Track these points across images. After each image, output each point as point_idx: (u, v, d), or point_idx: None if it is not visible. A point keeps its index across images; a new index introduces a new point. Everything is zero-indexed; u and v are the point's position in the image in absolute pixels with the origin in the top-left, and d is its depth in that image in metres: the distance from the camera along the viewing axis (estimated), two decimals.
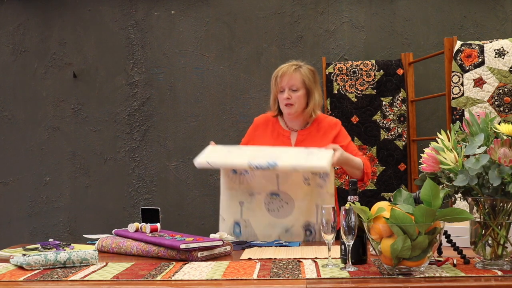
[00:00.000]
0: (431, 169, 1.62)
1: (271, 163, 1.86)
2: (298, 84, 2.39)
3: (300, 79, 2.40)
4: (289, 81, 2.39)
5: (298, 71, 2.41)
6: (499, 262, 1.57)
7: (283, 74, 2.40)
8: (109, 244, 2.04)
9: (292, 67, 2.42)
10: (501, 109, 2.95)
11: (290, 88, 2.39)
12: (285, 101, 2.39)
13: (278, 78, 2.41)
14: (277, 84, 2.41)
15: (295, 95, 2.39)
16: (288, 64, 2.44)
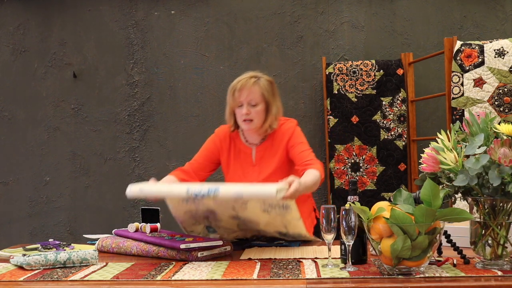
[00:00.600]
0: (431, 169, 1.62)
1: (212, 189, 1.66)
2: (257, 98, 2.23)
3: (259, 93, 2.24)
4: (248, 95, 2.22)
5: (257, 84, 2.24)
6: (499, 262, 1.57)
7: (241, 88, 2.23)
8: (109, 244, 2.04)
9: (251, 80, 2.25)
10: (501, 109, 2.95)
11: (249, 103, 2.22)
12: (243, 117, 2.23)
13: (236, 92, 2.23)
14: (235, 98, 2.24)
15: (254, 110, 2.22)
16: (246, 77, 2.27)
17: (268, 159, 2.27)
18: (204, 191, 1.64)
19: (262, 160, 2.28)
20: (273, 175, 2.24)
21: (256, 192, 1.64)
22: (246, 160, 2.30)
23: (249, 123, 2.24)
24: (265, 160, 2.28)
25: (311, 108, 3.57)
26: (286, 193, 1.80)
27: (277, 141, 2.29)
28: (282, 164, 2.27)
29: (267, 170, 2.27)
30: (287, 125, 2.32)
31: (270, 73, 3.57)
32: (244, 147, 2.32)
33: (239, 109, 2.24)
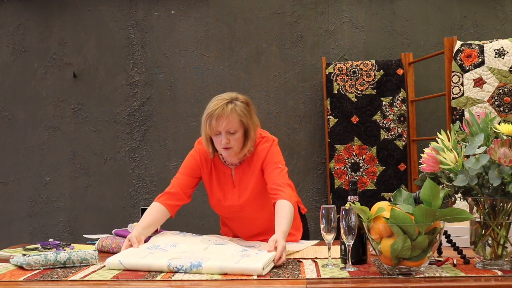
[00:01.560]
0: (431, 169, 1.62)
1: (195, 263, 1.59)
2: (235, 126, 2.08)
3: (237, 120, 2.08)
4: (226, 124, 2.06)
5: (234, 111, 2.08)
6: (499, 262, 1.57)
7: (219, 116, 2.06)
8: (109, 244, 2.04)
9: (229, 107, 2.08)
10: (501, 109, 2.95)
11: (227, 131, 2.07)
12: (223, 145, 2.08)
13: (214, 121, 2.06)
14: (212, 127, 2.07)
15: (233, 138, 2.08)
16: (223, 103, 2.09)
17: (247, 181, 2.18)
18: (187, 266, 1.60)
19: (241, 182, 2.19)
20: (252, 198, 2.17)
21: (240, 269, 1.56)
22: (226, 182, 2.21)
23: (229, 150, 2.10)
24: (243, 182, 2.19)
25: (311, 108, 3.57)
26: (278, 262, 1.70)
27: (253, 163, 2.18)
28: (259, 185, 2.17)
29: (246, 193, 2.18)
30: (262, 145, 2.20)
31: (270, 73, 3.58)
32: (223, 167, 2.22)
33: (217, 137, 2.10)
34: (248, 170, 2.18)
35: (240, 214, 2.21)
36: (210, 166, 2.22)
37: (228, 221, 2.34)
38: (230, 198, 2.19)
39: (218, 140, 2.10)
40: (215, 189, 2.22)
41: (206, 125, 2.09)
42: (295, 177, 3.54)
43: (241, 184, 2.19)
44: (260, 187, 2.16)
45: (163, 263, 1.63)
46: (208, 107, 2.12)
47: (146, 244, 1.91)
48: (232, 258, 1.66)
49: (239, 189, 2.19)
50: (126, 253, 1.79)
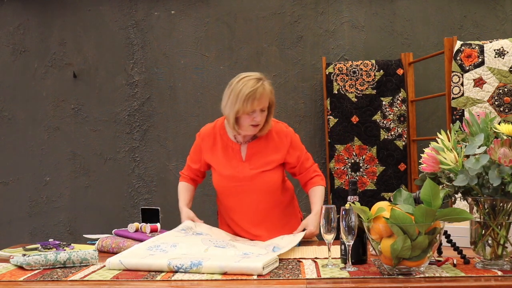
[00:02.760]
0: (431, 169, 1.62)
1: (195, 262, 1.60)
2: (266, 104, 2.20)
3: (268, 98, 2.20)
4: (263, 103, 2.17)
5: (269, 90, 2.20)
6: (499, 262, 1.57)
7: (260, 96, 2.15)
8: (109, 244, 2.04)
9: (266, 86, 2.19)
10: (501, 109, 2.95)
11: (261, 109, 2.18)
12: (254, 122, 2.18)
13: (256, 100, 2.15)
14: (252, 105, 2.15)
15: (263, 116, 2.19)
16: (260, 83, 2.17)
17: (261, 156, 2.26)
18: (187, 265, 1.61)
19: (254, 157, 2.27)
20: (266, 172, 2.25)
21: (240, 268, 1.57)
22: (234, 156, 2.28)
23: (257, 127, 2.21)
24: (257, 157, 2.27)
25: (311, 108, 3.57)
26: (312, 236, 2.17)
27: (272, 141, 2.28)
28: (276, 163, 2.27)
29: (259, 167, 2.25)
30: (283, 129, 2.32)
31: (270, 73, 3.58)
32: (232, 143, 2.30)
33: (249, 115, 2.18)
34: (266, 145, 2.28)
35: (247, 188, 2.24)
36: (213, 143, 2.31)
37: (231, 200, 2.31)
38: (241, 171, 2.25)
39: (250, 117, 2.18)
40: (222, 164, 2.29)
41: (246, 103, 2.15)
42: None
43: (253, 158, 2.26)
44: (275, 164, 2.27)
45: (163, 262, 1.64)
46: (242, 87, 2.17)
47: (146, 244, 1.91)
48: (232, 259, 1.66)
49: (250, 163, 2.26)
50: (127, 253, 1.80)
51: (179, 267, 1.61)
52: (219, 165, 2.29)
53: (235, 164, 2.27)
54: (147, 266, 1.65)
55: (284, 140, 2.29)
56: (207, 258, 1.65)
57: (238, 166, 2.27)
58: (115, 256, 1.73)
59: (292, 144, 2.30)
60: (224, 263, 1.59)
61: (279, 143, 2.29)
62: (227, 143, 2.30)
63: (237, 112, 2.17)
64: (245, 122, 2.19)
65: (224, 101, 2.23)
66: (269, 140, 2.29)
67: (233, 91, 2.19)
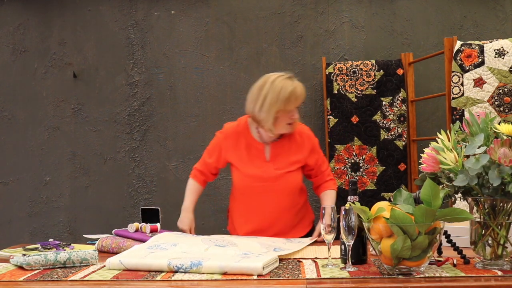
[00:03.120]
0: (431, 169, 1.62)
1: (195, 262, 1.61)
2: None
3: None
4: (301, 100, 2.28)
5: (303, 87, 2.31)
6: (499, 262, 1.57)
7: (300, 95, 2.26)
8: (109, 244, 2.04)
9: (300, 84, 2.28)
10: (501, 109, 2.95)
11: (297, 107, 2.28)
12: (291, 121, 2.26)
13: (298, 99, 2.25)
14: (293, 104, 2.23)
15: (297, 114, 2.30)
16: (296, 82, 2.27)
17: (285, 156, 2.31)
18: (187, 265, 1.61)
19: (278, 157, 2.31)
20: (290, 173, 2.30)
21: (240, 268, 1.57)
22: (258, 156, 2.32)
23: (292, 126, 2.28)
24: (281, 157, 2.31)
25: (311, 108, 3.57)
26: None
27: (295, 141, 2.34)
28: (298, 164, 2.33)
29: (283, 167, 2.29)
30: (304, 129, 2.39)
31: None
32: (256, 143, 2.34)
33: (288, 114, 2.24)
34: (289, 145, 2.33)
35: (270, 188, 2.27)
36: (236, 142, 2.34)
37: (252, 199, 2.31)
38: (266, 171, 2.28)
39: (288, 116, 2.23)
40: (246, 163, 2.31)
41: (287, 103, 2.21)
42: None
43: (278, 158, 2.30)
44: (299, 165, 2.32)
45: (163, 262, 1.63)
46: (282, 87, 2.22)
47: (147, 244, 1.91)
48: (232, 259, 1.66)
49: (274, 163, 2.30)
50: (127, 253, 1.80)
51: (179, 267, 1.61)
52: (243, 164, 2.32)
53: (259, 164, 2.31)
54: (147, 266, 1.65)
55: (306, 142, 2.35)
56: (207, 258, 1.65)
57: (262, 166, 2.30)
58: (115, 256, 1.73)
59: (313, 147, 2.36)
60: (224, 263, 1.59)
61: (301, 145, 2.34)
62: (251, 142, 2.33)
63: (278, 111, 2.21)
64: (283, 121, 2.24)
65: (257, 102, 2.24)
66: (291, 141, 2.34)
67: (271, 91, 2.22)
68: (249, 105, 2.29)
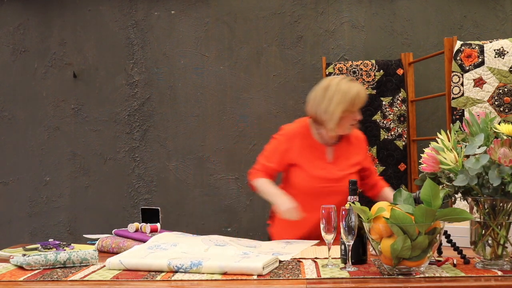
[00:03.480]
0: (431, 169, 1.62)
1: (195, 262, 1.61)
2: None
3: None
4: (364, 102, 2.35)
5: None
6: (499, 262, 1.57)
7: (365, 95, 2.33)
8: (109, 244, 2.04)
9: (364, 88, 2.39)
10: (501, 109, 2.95)
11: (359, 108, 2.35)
12: (354, 121, 2.34)
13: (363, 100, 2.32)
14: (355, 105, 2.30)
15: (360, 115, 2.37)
16: (358, 83, 2.35)
17: (345, 159, 2.38)
18: (187, 265, 1.61)
19: (339, 159, 2.38)
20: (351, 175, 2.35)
21: (240, 268, 1.57)
22: (321, 157, 2.37)
23: (354, 127, 2.36)
24: (342, 159, 2.38)
25: None
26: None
27: (352, 144, 2.42)
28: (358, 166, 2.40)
29: (345, 169, 2.36)
30: (359, 133, 2.47)
31: (270, 73, 3.58)
32: (318, 144, 2.39)
33: (352, 114, 2.31)
34: (348, 147, 2.41)
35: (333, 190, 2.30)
36: (300, 143, 2.37)
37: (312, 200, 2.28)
38: (330, 172, 2.34)
39: (351, 116, 2.31)
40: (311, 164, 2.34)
41: (353, 103, 2.28)
42: None
43: (339, 161, 2.37)
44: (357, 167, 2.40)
45: (163, 262, 1.63)
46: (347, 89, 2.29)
47: (147, 244, 1.91)
48: (232, 259, 1.66)
49: (336, 165, 2.36)
50: (127, 253, 1.80)
51: (179, 267, 1.61)
52: (308, 165, 2.34)
53: (322, 165, 2.35)
54: (147, 266, 1.65)
55: (362, 145, 2.46)
56: (207, 258, 1.65)
57: (326, 167, 2.35)
58: (115, 256, 1.73)
59: (366, 150, 2.50)
60: (224, 263, 1.59)
61: (357, 147, 2.43)
62: (313, 144, 2.38)
63: (344, 111, 2.28)
64: (347, 121, 2.32)
65: (322, 103, 2.32)
66: (349, 144, 2.42)
67: (337, 92, 2.29)
68: (312, 106, 2.37)
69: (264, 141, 3.56)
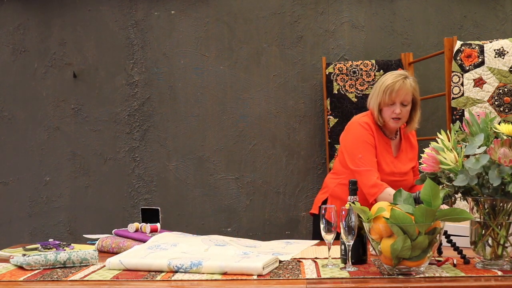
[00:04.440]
0: (431, 169, 1.62)
1: (195, 262, 1.61)
2: (408, 99, 2.37)
3: (411, 94, 2.38)
4: (403, 96, 2.35)
5: (411, 86, 2.38)
6: (499, 262, 1.57)
7: (399, 89, 2.34)
8: (109, 244, 2.04)
9: (407, 81, 2.36)
10: (501, 109, 2.95)
11: (401, 103, 2.36)
12: (394, 115, 2.36)
13: (394, 92, 2.34)
14: (391, 98, 2.34)
15: (405, 110, 2.38)
16: (401, 78, 2.36)
17: (405, 154, 2.48)
18: (187, 265, 1.61)
19: (401, 154, 2.47)
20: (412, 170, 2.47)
21: (241, 268, 1.57)
22: (388, 151, 2.44)
23: (398, 121, 2.38)
24: (403, 154, 2.47)
25: (311, 108, 3.57)
26: None
27: (409, 140, 2.52)
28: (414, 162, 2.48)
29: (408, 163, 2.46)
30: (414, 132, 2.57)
31: (270, 73, 3.58)
32: (385, 138, 2.46)
33: (390, 107, 2.36)
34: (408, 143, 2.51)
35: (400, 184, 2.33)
36: (377, 137, 2.43)
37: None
38: (396, 166, 2.42)
39: (390, 110, 2.36)
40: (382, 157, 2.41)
41: (385, 95, 2.35)
42: (295, 177, 3.55)
43: (401, 154, 2.46)
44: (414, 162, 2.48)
45: (163, 262, 1.63)
46: (384, 80, 2.38)
47: (147, 244, 1.91)
48: (232, 259, 1.66)
49: (399, 159, 2.45)
50: (127, 253, 1.80)
51: (179, 267, 1.61)
52: (380, 159, 2.39)
53: (389, 159, 2.42)
54: (147, 266, 1.65)
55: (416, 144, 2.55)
56: (207, 258, 1.65)
57: (393, 161, 2.43)
58: (115, 256, 1.73)
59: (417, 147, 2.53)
60: (224, 263, 1.59)
61: (414, 144, 2.53)
62: (381, 138, 2.45)
63: (379, 104, 2.37)
64: (386, 114, 2.38)
65: (370, 95, 2.46)
66: (406, 140, 2.51)
67: (377, 84, 2.41)
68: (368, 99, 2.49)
69: (264, 141, 3.58)
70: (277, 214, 3.57)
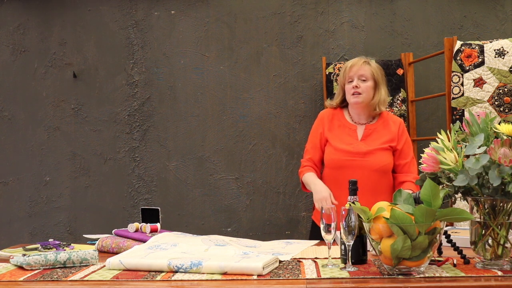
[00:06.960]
0: (431, 169, 1.62)
1: (195, 262, 1.61)
2: (367, 74, 2.47)
3: (369, 71, 2.48)
4: (358, 71, 2.46)
5: (367, 63, 2.50)
6: (499, 262, 1.57)
7: (352, 65, 2.48)
8: (109, 244, 2.04)
9: (361, 60, 2.50)
10: (501, 109, 2.95)
11: (359, 77, 2.46)
12: (352, 90, 2.46)
13: (347, 68, 2.48)
14: (345, 74, 2.49)
15: (364, 85, 2.45)
16: (357, 58, 2.53)
17: (376, 138, 2.48)
18: (187, 265, 1.61)
19: (369, 137, 2.48)
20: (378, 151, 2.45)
21: (241, 268, 1.57)
22: (351, 135, 2.50)
23: (358, 96, 2.46)
24: (372, 137, 2.48)
25: (311, 108, 3.57)
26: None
27: (387, 126, 2.52)
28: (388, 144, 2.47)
29: (374, 145, 2.46)
30: (397, 118, 2.58)
31: (270, 73, 3.58)
32: (349, 124, 2.53)
33: (349, 84, 2.48)
34: (382, 128, 2.51)
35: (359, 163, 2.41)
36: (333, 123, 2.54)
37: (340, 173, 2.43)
38: (356, 147, 2.46)
39: (350, 87, 2.47)
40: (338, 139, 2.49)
41: (344, 73, 2.50)
42: (295, 178, 3.55)
43: (369, 138, 2.48)
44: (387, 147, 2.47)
45: (163, 262, 1.63)
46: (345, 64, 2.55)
47: (147, 244, 1.91)
48: (232, 259, 1.66)
49: (365, 142, 2.47)
50: (127, 253, 1.80)
51: (179, 267, 1.61)
52: (335, 140, 2.48)
53: (351, 141, 2.47)
54: (147, 266, 1.65)
55: (395, 127, 2.51)
56: (207, 258, 1.65)
57: (353, 143, 2.47)
58: (115, 256, 1.73)
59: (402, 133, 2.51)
60: (224, 263, 1.59)
61: (392, 128, 2.51)
62: (344, 123, 2.53)
63: (343, 85, 2.52)
64: (348, 92, 2.48)
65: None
66: (385, 124, 2.52)
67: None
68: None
69: (264, 141, 3.59)
70: (277, 214, 3.57)
